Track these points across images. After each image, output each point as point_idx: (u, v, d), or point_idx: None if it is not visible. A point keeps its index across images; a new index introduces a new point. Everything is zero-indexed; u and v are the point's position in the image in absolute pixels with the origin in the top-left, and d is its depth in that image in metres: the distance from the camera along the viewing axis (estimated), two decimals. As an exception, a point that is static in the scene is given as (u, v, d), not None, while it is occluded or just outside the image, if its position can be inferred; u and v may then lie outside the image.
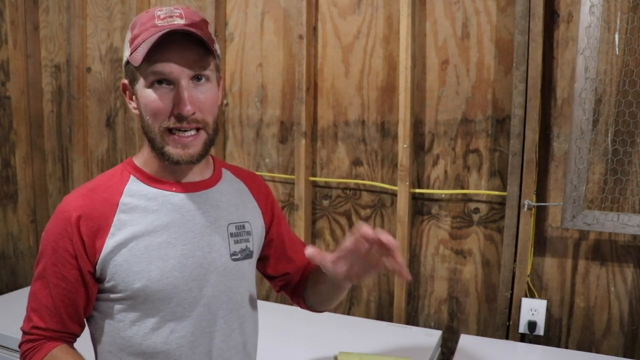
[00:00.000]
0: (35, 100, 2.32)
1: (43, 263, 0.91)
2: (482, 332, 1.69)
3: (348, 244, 0.87)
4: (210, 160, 1.03)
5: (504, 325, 1.62)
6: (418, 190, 1.73)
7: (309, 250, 0.88)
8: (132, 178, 0.94)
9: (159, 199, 0.93)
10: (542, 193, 1.58)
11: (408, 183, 1.69)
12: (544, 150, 1.57)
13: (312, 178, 1.87)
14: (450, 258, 1.71)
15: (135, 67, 0.87)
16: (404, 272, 0.84)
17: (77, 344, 0.96)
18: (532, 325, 1.57)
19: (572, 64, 1.50)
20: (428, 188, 1.72)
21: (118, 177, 0.95)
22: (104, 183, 0.94)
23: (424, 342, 1.56)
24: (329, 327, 1.65)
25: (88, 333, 0.98)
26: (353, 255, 0.89)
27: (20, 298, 0.95)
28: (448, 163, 1.69)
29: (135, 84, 0.90)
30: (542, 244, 1.60)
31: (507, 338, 1.62)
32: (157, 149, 0.90)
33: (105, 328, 0.93)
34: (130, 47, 0.89)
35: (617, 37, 1.42)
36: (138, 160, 0.97)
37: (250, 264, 1.04)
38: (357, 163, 1.81)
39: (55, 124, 2.32)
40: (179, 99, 0.86)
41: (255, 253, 1.05)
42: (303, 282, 1.12)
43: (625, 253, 1.51)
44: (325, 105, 1.83)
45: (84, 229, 0.88)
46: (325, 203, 1.88)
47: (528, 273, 1.58)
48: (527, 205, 1.54)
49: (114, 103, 2.18)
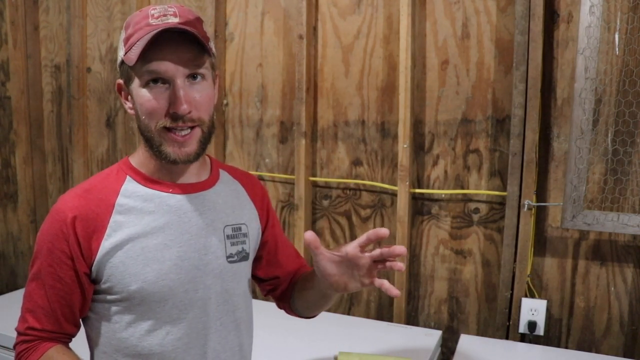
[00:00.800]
0: (35, 100, 2.32)
1: (38, 264, 0.90)
2: (482, 332, 1.69)
3: (350, 249, 0.87)
4: (208, 161, 1.03)
5: (504, 325, 1.62)
6: (418, 190, 1.73)
7: (308, 234, 0.86)
8: (128, 178, 0.94)
9: (155, 200, 0.92)
10: (542, 193, 1.58)
11: (408, 183, 1.69)
12: (544, 150, 1.57)
13: (312, 178, 1.87)
14: (450, 258, 1.71)
15: (130, 66, 0.87)
16: (394, 291, 0.87)
17: (72, 344, 0.96)
18: (532, 325, 1.57)
19: (572, 64, 1.50)
20: (428, 188, 1.72)
21: (114, 177, 0.94)
22: (100, 183, 0.93)
23: (424, 342, 1.56)
24: (329, 327, 1.65)
25: (83, 333, 0.97)
26: (348, 263, 0.89)
27: (20, 298, 0.94)
28: (448, 163, 1.69)
29: (131, 84, 0.90)
30: (542, 244, 1.60)
31: (507, 338, 1.62)
32: (154, 148, 0.90)
33: (101, 329, 0.93)
34: (125, 46, 0.88)
35: (617, 37, 1.42)
36: (134, 160, 0.96)
37: (246, 266, 1.03)
38: (357, 163, 1.81)
39: (55, 124, 2.32)
40: (175, 98, 0.85)
41: (252, 255, 1.05)
42: (291, 288, 1.12)
43: (625, 253, 1.51)
44: (325, 105, 1.83)
45: (80, 230, 0.88)
46: (325, 203, 1.88)
47: (528, 273, 1.58)
48: (527, 205, 1.54)
49: (114, 103, 2.18)
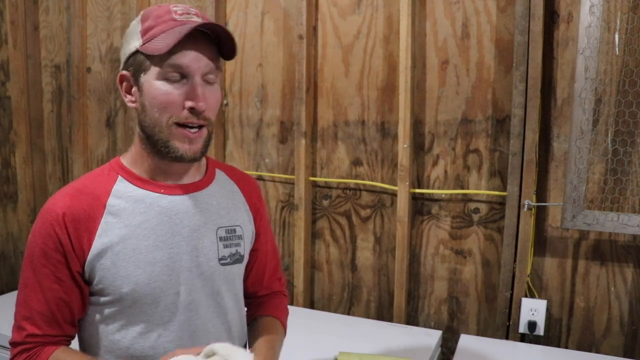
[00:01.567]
0: (35, 100, 2.32)
1: (32, 267, 0.88)
2: (482, 332, 1.69)
3: None
4: (203, 162, 1.02)
5: (504, 325, 1.62)
6: (418, 190, 1.73)
7: None
8: (119, 178, 0.92)
9: (147, 201, 0.91)
10: (542, 193, 1.58)
11: (408, 183, 1.69)
12: (544, 150, 1.57)
13: (312, 178, 1.87)
14: (450, 258, 1.71)
15: (149, 57, 0.86)
16: None
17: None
18: (532, 325, 1.57)
19: (572, 64, 1.50)
20: (428, 188, 1.72)
21: (105, 177, 0.93)
22: (91, 183, 0.92)
23: (424, 342, 1.56)
24: (329, 327, 1.65)
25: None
26: None
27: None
28: (448, 163, 1.69)
29: (142, 75, 0.88)
30: (542, 244, 1.60)
31: (507, 338, 1.62)
32: (159, 144, 0.88)
33: (93, 331, 0.92)
34: (142, 37, 0.87)
35: (617, 37, 1.42)
36: (126, 160, 0.95)
37: (240, 269, 1.03)
38: (357, 163, 1.81)
39: (55, 124, 2.32)
40: (194, 94, 0.86)
41: (246, 257, 1.04)
42: (250, 317, 1.11)
43: (625, 253, 1.51)
44: (325, 105, 1.83)
45: (71, 229, 0.87)
46: (325, 203, 1.88)
47: (528, 273, 1.58)
48: (527, 205, 1.54)
49: (114, 103, 2.18)
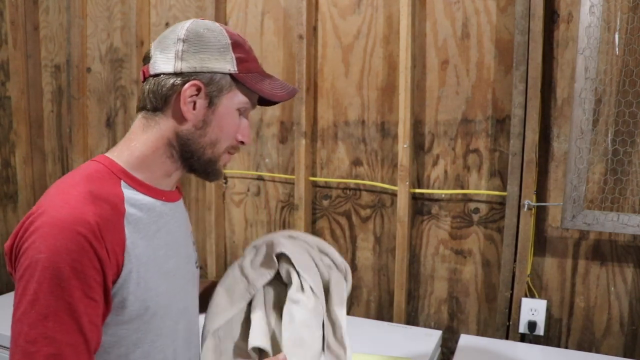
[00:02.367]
0: (35, 100, 2.32)
1: (56, 293, 0.71)
2: (482, 332, 1.69)
3: None
4: None
5: (504, 325, 1.62)
6: (418, 190, 1.73)
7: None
8: (123, 184, 0.85)
9: (156, 210, 0.88)
10: (542, 193, 1.58)
11: (408, 183, 1.69)
12: (544, 150, 1.57)
13: (312, 178, 1.87)
14: (450, 258, 1.71)
15: (239, 86, 0.89)
16: None
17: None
18: (532, 325, 1.57)
19: (572, 64, 1.50)
20: (428, 188, 1.72)
21: (108, 181, 0.84)
22: (101, 188, 0.81)
23: (424, 342, 1.56)
24: (329, 327, 1.65)
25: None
26: None
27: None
28: (448, 163, 1.69)
29: (220, 96, 0.88)
30: (542, 244, 1.60)
31: (507, 338, 1.62)
32: (202, 161, 0.90)
33: (106, 356, 0.82)
34: (238, 65, 0.89)
35: (617, 37, 1.42)
36: (125, 163, 0.87)
37: None
38: (357, 163, 1.81)
39: (55, 124, 2.32)
40: (247, 131, 0.93)
41: None
42: None
43: (625, 253, 1.51)
44: (325, 105, 1.83)
45: (107, 241, 0.76)
46: (325, 203, 1.88)
47: (528, 273, 1.58)
48: (527, 205, 1.54)
49: (114, 103, 2.18)
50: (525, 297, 1.58)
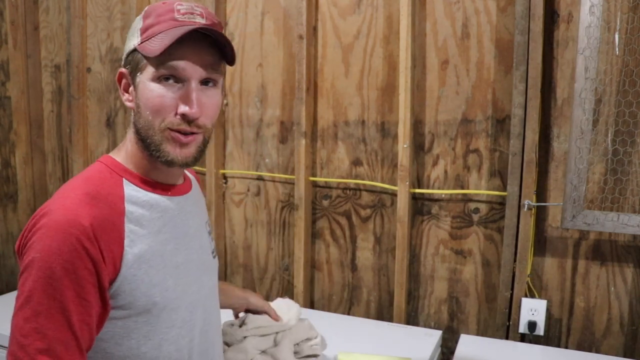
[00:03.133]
0: (35, 100, 2.32)
1: (49, 292, 0.73)
2: (482, 332, 1.69)
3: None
4: None
5: (504, 325, 1.62)
6: (418, 190, 1.73)
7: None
8: (125, 182, 0.86)
9: (160, 205, 0.88)
10: (542, 193, 1.58)
11: (408, 183, 1.69)
12: (544, 150, 1.57)
13: (312, 178, 1.87)
14: (450, 258, 1.71)
15: (145, 57, 0.82)
16: None
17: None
18: (532, 325, 1.57)
19: (572, 64, 1.50)
20: (428, 188, 1.72)
21: (109, 180, 0.85)
22: (101, 188, 0.83)
23: (424, 342, 1.56)
24: (329, 327, 1.65)
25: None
26: None
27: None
28: (448, 163, 1.69)
29: (138, 75, 0.84)
30: (542, 244, 1.59)
31: (507, 338, 1.62)
32: (151, 147, 0.84)
33: (111, 349, 0.83)
34: (142, 35, 0.83)
35: (617, 37, 1.42)
36: (123, 160, 0.89)
37: None
38: (357, 163, 1.81)
39: (55, 124, 2.32)
40: (187, 100, 0.82)
41: None
42: None
43: (625, 253, 1.51)
44: (325, 105, 1.83)
45: (102, 242, 0.77)
46: (325, 203, 1.88)
47: (528, 273, 1.58)
48: (527, 205, 1.54)
49: (114, 103, 2.18)
50: (525, 297, 1.58)
